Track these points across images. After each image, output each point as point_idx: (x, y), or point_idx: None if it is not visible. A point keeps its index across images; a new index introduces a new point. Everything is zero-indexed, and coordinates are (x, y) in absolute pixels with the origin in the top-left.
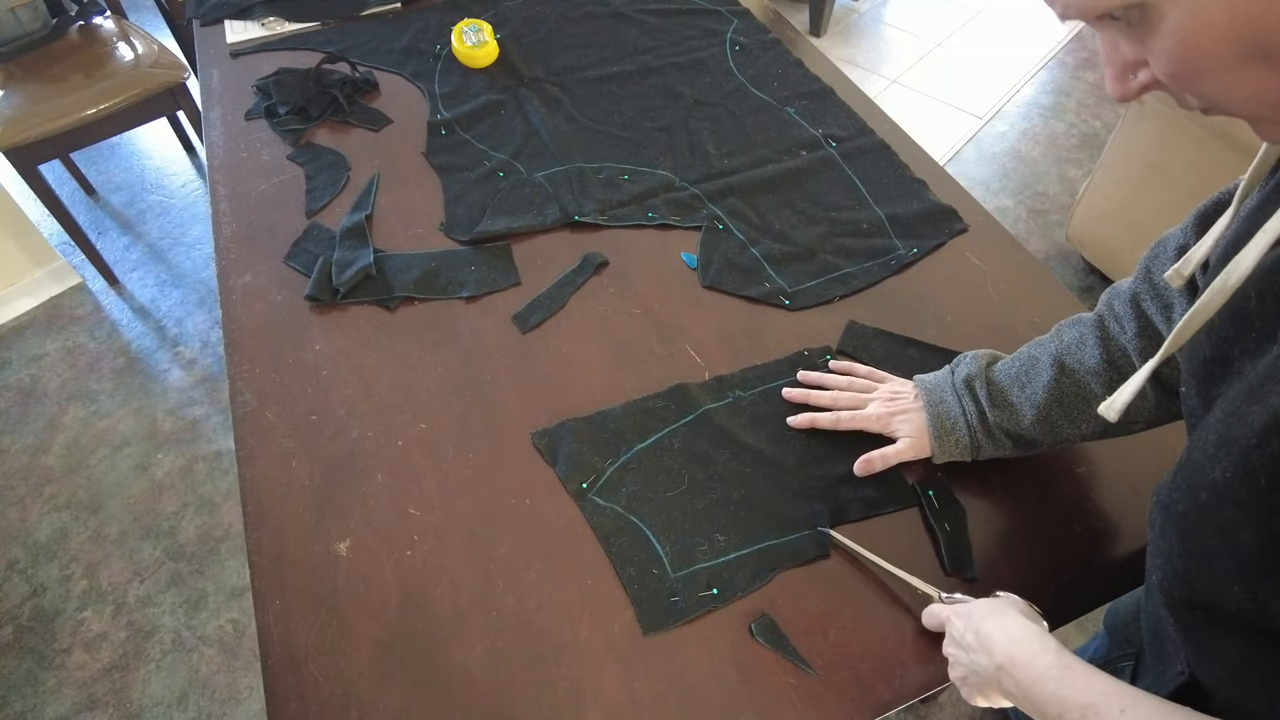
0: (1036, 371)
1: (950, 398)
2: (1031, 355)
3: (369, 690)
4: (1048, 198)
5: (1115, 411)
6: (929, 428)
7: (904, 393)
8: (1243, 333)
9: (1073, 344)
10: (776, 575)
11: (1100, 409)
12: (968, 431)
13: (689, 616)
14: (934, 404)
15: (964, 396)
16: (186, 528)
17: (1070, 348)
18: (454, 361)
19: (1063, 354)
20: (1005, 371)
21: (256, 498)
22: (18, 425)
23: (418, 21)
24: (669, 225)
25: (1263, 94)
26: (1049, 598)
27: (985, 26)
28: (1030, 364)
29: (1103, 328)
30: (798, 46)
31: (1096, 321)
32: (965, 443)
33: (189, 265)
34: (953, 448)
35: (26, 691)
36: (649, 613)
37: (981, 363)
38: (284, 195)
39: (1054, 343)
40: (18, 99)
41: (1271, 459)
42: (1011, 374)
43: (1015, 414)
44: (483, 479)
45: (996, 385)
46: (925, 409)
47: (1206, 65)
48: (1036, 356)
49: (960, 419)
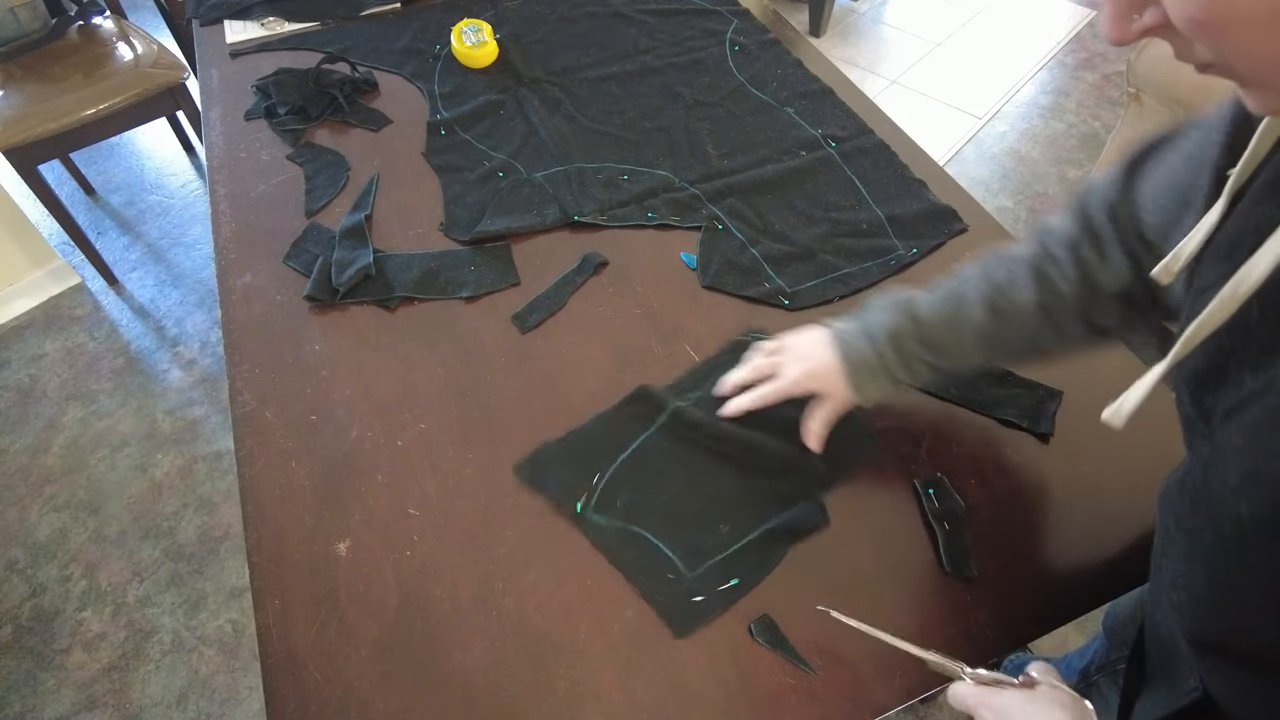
0: (965, 314)
1: (864, 344)
2: (958, 293)
3: (368, 690)
4: (1047, 198)
5: (1122, 418)
6: (847, 380)
7: (817, 350)
8: (1242, 344)
9: (1004, 284)
10: (791, 552)
11: (1105, 416)
12: (886, 375)
13: (718, 611)
14: (849, 356)
15: (880, 341)
16: (186, 528)
17: (1002, 288)
18: (454, 361)
19: (994, 296)
20: (930, 313)
21: (256, 498)
22: (17, 425)
23: (417, 21)
24: (669, 225)
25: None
26: (1047, 598)
27: (985, 26)
28: (957, 304)
29: (1039, 271)
30: (797, 47)
31: (1031, 262)
32: (884, 383)
33: (189, 265)
34: (873, 391)
35: (26, 692)
36: (678, 618)
37: (903, 310)
38: (283, 195)
39: (983, 284)
40: (17, 99)
41: None
42: (938, 316)
43: (942, 356)
44: (483, 479)
45: (924, 325)
46: (841, 361)
47: (1242, 16)
48: (963, 294)
49: (878, 366)
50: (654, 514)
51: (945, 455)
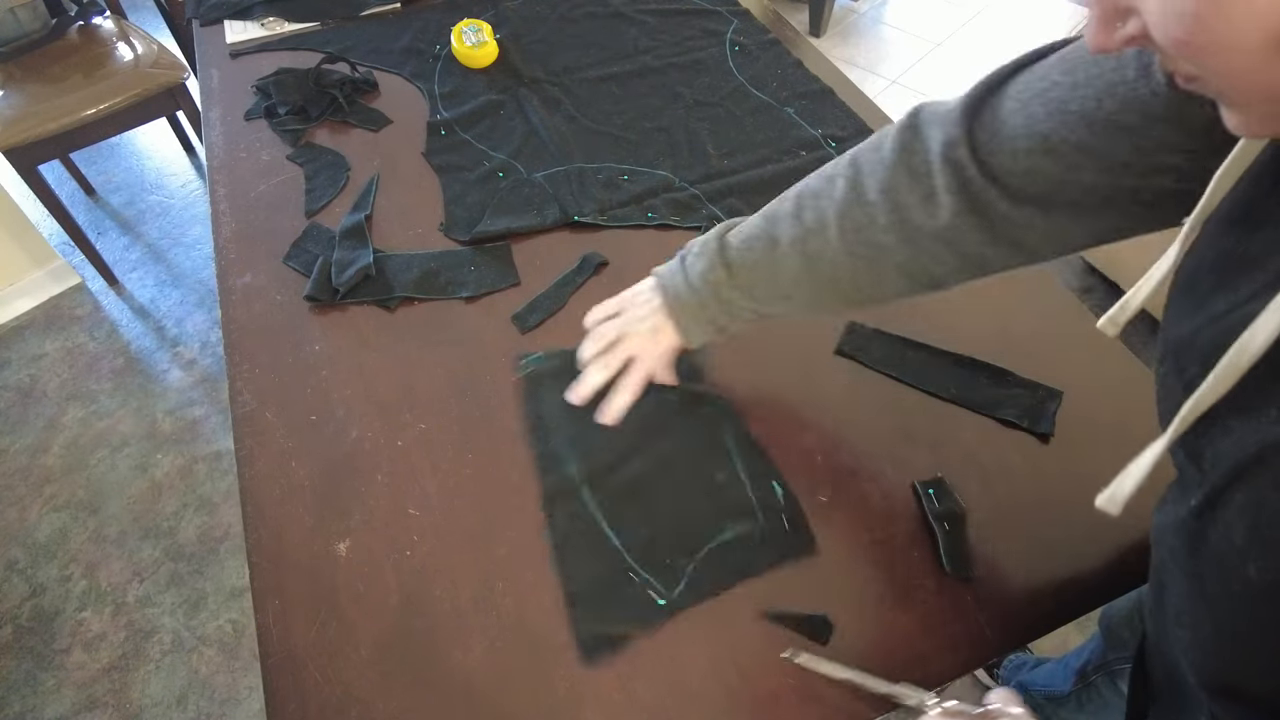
0: (780, 259)
1: (686, 292)
2: (771, 235)
3: (368, 690)
4: None
5: (1119, 504)
6: (675, 327)
7: (649, 311)
8: (1231, 391)
9: (815, 228)
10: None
11: (1099, 503)
12: (711, 323)
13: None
14: (675, 306)
15: (701, 289)
16: (186, 528)
17: (813, 232)
18: (454, 361)
19: (806, 240)
20: (746, 258)
21: (256, 498)
22: (17, 425)
23: (417, 22)
24: (669, 225)
25: (1261, 86)
26: (1047, 598)
27: (985, 26)
28: (771, 247)
29: (846, 217)
30: (797, 47)
31: (840, 208)
32: (709, 329)
33: (189, 265)
34: (698, 334)
35: (26, 692)
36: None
37: (717, 256)
38: (283, 195)
39: (795, 225)
40: (18, 99)
41: None
42: (754, 261)
43: (767, 303)
44: (483, 479)
45: (740, 272)
46: (669, 311)
47: (1225, 39)
48: (776, 237)
49: (702, 314)
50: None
51: (945, 455)
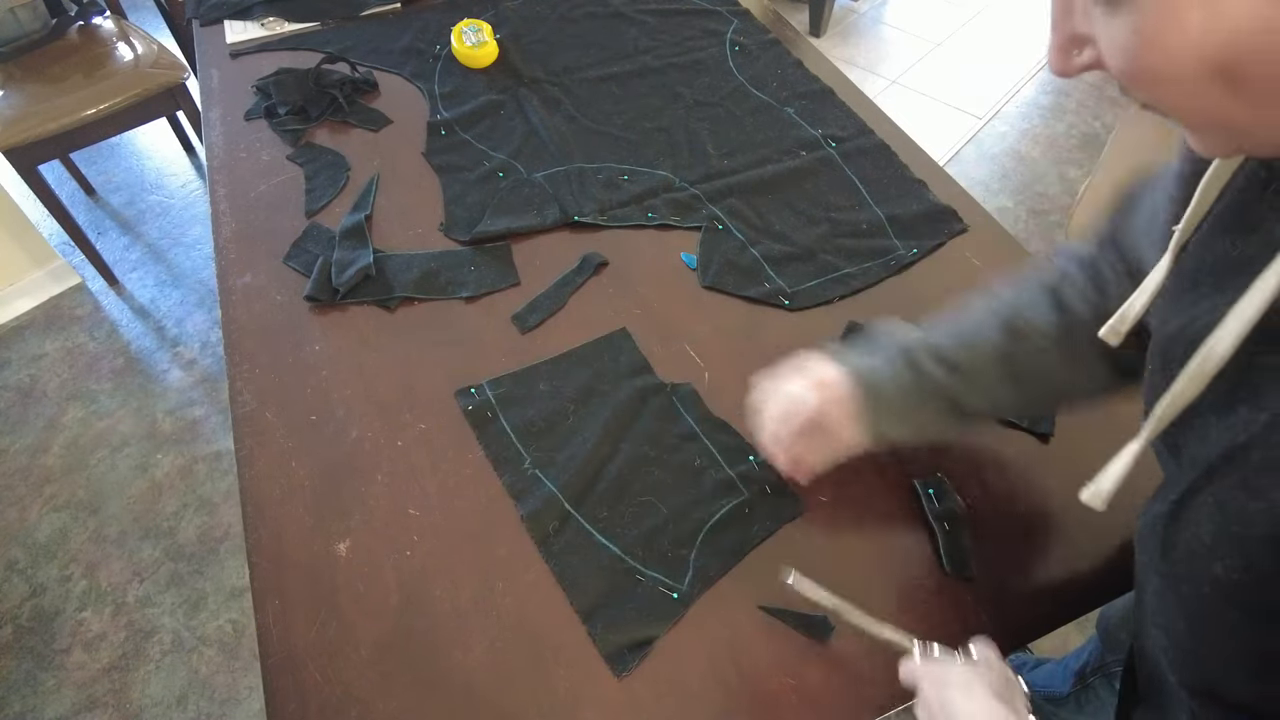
0: (981, 333)
1: (876, 362)
2: (970, 317)
3: (368, 690)
4: (1048, 198)
5: (1102, 499)
6: (860, 408)
7: (827, 372)
8: (1211, 389)
9: (1020, 304)
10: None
11: (1084, 497)
12: (901, 399)
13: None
14: (861, 376)
15: (894, 356)
16: (186, 528)
17: (1018, 308)
18: (454, 361)
19: (1010, 316)
20: (943, 333)
21: (256, 498)
22: (17, 425)
23: (417, 22)
24: (669, 225)
25: (1211, 114)
26: (1047, 598)
27: (985, 26)
28: (973, 325)
29: (1054, 289)
30: (797, 47)
31: (1045, 281)
32: (898, 412)
33: (189, 265)
34: (887, 421)
35: (26, 692)
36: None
37: (910, 331)
38: (283, 195)
39: (996, 303)
40: (18, 99)
41: (1276, 561)
42: (952, 335)
43: (962, 378)
44: (483, 479)
45: (937, 342)
46: (851, 382)
47: (1164, 71)
48: (977, 317)
49: (893, 389)
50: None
51: (945, 455)
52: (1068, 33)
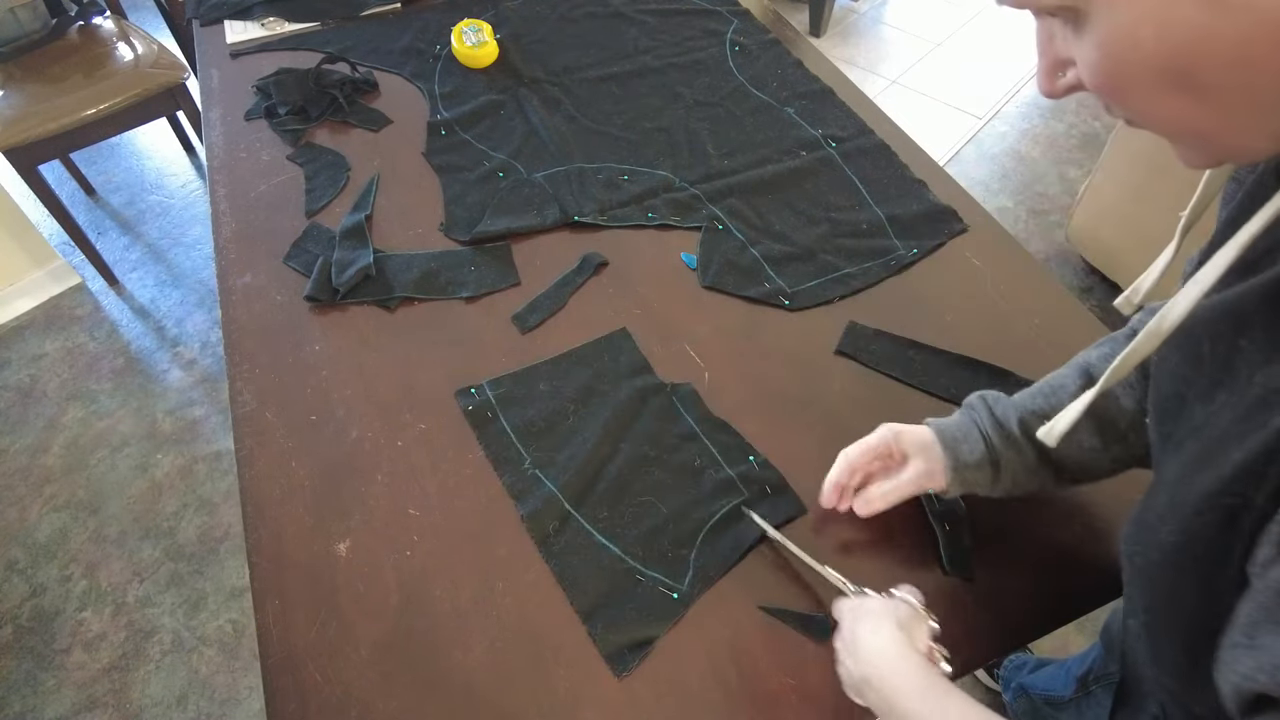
0: (1061, 382)
1: (955, 415)
2: (1052, 375)
3: (368, 690)
4: (1048, 198)
5: (1054, 438)
6: (943, 448)
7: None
8: (1196, 374)
9: (1099, 357)
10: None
11: (1039, 433)
12: (982, 440)
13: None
14: (942, 426)
15: (976, 409)
16: (186, 528)
17: (1096, 361)
18: (454, 361)
19: (1089, 365)
20: (1023, 392)
21: (256, 498)
22: (18, 425)
23: (418, 22)
24: (669, 225)
25: (1181, 122)
26: (1047, 598)
27: (985, 26)
28: (1052, 380)
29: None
30: (797, 47)
31: (1129, 335)
32: (981, 451)
33: (189, 265)
34: (970, 460)
35: (26, 692)
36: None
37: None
38: (284, 195)
39: (1078, 359)
40: (18, 99)
41: (1207, 528)
42: (1031, 390)
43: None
44: (483, 479)
45: (1016, 397)
46: (933, 430)
47: (1128, 83)
48: (1058, 373)
49: (973, 431)
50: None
51: None
52: (1051, 56)
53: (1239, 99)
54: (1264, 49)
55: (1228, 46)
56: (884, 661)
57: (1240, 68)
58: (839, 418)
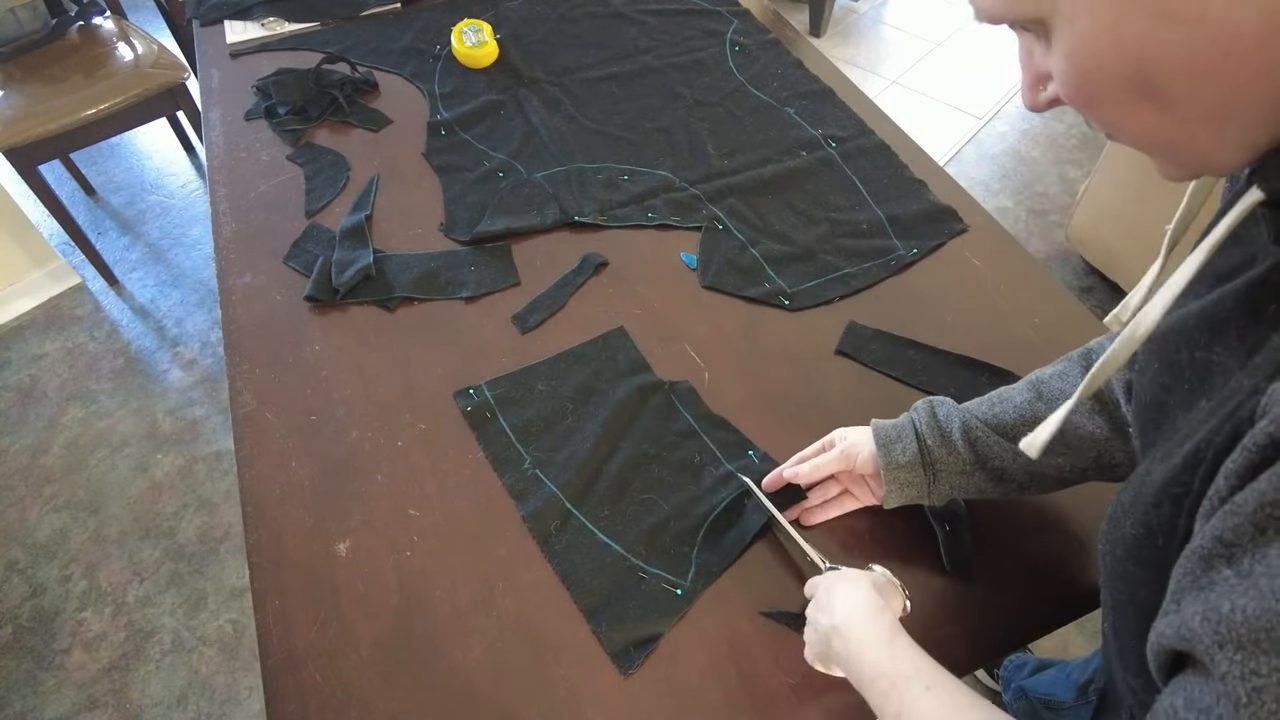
0: (1006, 394)
1: (898, 418)
2: (1006, 388)
3: (368, 690)
4: (1048, 198)
5: (1036, 449)
6: (877, 449)
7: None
8: (1177, 383)
9: (1049, 373)
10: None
11: (1022, 445)
12: (915, 440)
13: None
14: (880, 428)
15: (918, 411)
16: (186, 528)
17: (1046, 376)
18: (454, 361)
19: (1037, 380)
20: (970, 402)
21: (256, 498)
22: (17, 425)
23: (418, 22)
24: (669, 225)
25: (1151, 133)
26: (1047, 598)
27: (985, 27)
28: (1004, 390)
29: (1090, 354)
30: (797, 47)
31: (1083, 352)
32: (913, 451)
33: (189, 265)
34: (903, 461)
35: (26, 692)
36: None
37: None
38: (284, 195)
39: (1029, 376)
40: (18, 99)
41: (1164, 519)
42: (977, 401)
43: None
44: (483, 479)
45: (963, 405)
46: (873, 431)
47: (1096, 92)
48: (1012, 387)
49: (909, 431)
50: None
51: None
52: (1032, 71)
53: (1200, 109)
54: (1215, 62)
55: (1181, 58)
56: (855, 613)
57: (1196, 79)
58: (839, 418)
